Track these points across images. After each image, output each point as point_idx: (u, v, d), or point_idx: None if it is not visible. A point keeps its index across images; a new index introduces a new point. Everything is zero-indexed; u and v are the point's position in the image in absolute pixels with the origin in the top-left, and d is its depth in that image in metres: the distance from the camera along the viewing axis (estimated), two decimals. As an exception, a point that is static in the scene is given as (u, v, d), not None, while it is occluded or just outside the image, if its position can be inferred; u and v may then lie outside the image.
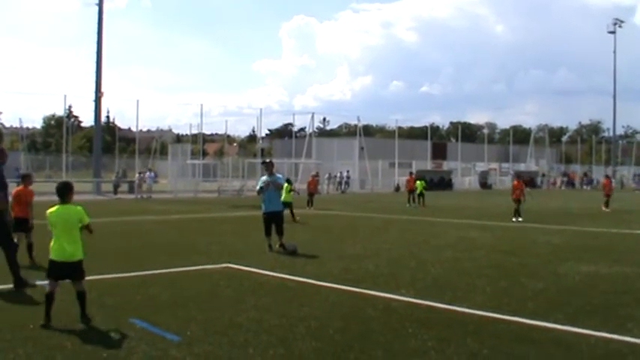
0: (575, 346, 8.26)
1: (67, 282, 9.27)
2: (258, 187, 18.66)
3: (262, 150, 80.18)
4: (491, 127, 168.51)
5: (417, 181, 42.31)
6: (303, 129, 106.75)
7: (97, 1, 57.35)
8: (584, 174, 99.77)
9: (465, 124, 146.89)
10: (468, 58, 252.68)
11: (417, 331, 8.83)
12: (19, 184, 15.79)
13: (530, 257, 16.79)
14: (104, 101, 78.80)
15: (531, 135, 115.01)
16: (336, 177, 71.84)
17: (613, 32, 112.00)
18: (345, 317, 9.69)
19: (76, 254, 9.18)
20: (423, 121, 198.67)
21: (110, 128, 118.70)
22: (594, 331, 8.90)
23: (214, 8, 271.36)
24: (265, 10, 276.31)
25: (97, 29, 57.63)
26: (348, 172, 73.20)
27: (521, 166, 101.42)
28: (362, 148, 76.70)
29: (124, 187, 58.32)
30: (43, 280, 9.82)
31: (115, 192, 55.76)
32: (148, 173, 57.10)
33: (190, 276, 13.60)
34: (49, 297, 9.06)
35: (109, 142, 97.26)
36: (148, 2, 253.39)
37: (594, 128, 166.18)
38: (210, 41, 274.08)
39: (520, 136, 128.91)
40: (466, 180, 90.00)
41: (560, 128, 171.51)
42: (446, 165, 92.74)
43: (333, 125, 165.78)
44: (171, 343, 8.20)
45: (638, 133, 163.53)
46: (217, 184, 63.23)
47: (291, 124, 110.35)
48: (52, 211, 9.30)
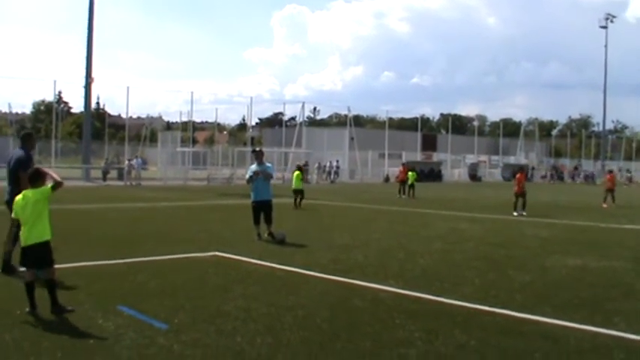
0: (563, 339, 8.27)
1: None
2: (248, 176, 18.57)
3: (252, 139, 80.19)
4: (482, 119, 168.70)
5: (409, 173, 42.30)
6: (293, 118, 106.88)
7: (89, -14, 57.07)
8: (575, 167, 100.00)
9: (456, 116, 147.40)
10: (460, 49, 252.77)
11: (404, 322, 8.83)
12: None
13: (519, 250, 16.83)
14: (94, 87, 78.50)
15: (521, 128, 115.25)
16: (325, 167, 71.85)
17: (605, 27, 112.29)
18: (332, 307, 9.68)
19: (44, 234, 8.98)
20: (413, 112, 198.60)
21: (100, 114, 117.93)
22: (581, 325, 8.92)
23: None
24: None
25: (88, 15, 57.49)
26: (337, 162, 73.24)
27: (511, 159, 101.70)
28: (352, 139, 76.67)
29: (113, 173, 58.13)
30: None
31: (104, 179, 55.58)
32: (136, 160, 56.94)
33: (178, 264, 13.57)
34: (29, 285, 8.89)
35: (98, 129, 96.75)
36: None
37: (584, 122, 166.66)
38: (201, 29, 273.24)
39: (510, 129, 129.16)
40: (456, 172, 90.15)
41: (551, 122, 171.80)
42: (436, 156, 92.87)
43: (323, 115, 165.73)
44: (159, 330, 8.18)
45: (627, 128, 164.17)
46: (207, 172, 63.13)
47: (281, 114, 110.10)
48: (19, 197, 9.10)
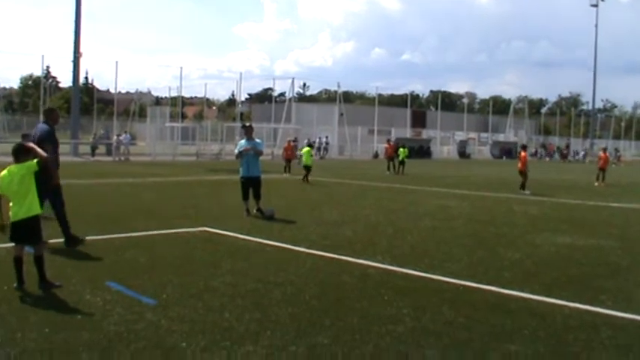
0: (550, 317, 8.29)
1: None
2: (237, 151, 18.47)
3: (241, 114, 79.87)
4: (471, 96, 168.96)
5: (400, 149, 42.29)
6: (283, 94, 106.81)
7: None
8: (567, 146, 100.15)
9: (445, 93, 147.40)
10: (451, 27, 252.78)
11: (392, 299, 8.84)
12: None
13: (507, 227, 16.86)
14: (83, 62, 78.20)
15: (511, 106, 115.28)
16: (314, 143, 71.77)
17: (595, 5, 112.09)
18: (321, 283, 9.69)
19: (33, 209, 8.90)
20: (403, 89, 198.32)
21: (88, 89, 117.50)
22: (569, 302, 8.95)
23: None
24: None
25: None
26: (327, 137, 73.14)
27: (500, 137, 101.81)
28: (341, 115, 76.52)
29: (102, 149, 57.91)
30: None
31: (93, 154, 55.36)
32: (124, 135, 56.73)
33: (167, 239, 13.54)
34: (18, 261, 8.83)
35: (87, 104, 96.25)
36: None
37: (574, 101, 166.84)
38: (191, 3, 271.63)
39: (500, 106, 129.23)
40: (445, 149, 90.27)
41: (540, 100, 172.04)
42: (425, 133, 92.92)
43: (313, 91, 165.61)
44: (147, 306, 8.16)
45: (616, 107, 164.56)
46: (196, 148, 62.98)
47: (271, 89, 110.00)
48: (5, 173, 8.91)
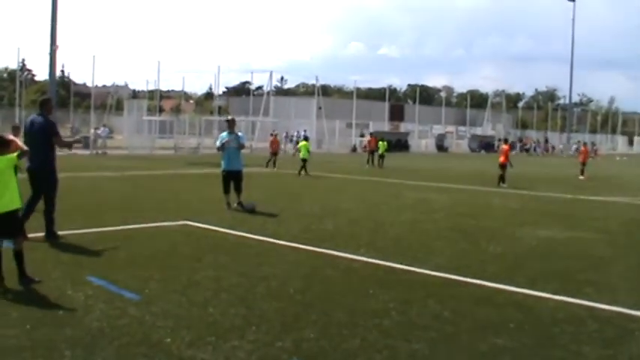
0: (536, 310, 8.29)
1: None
2: (219, 144, 18.31)
3: (219, 107, 79.58)
4: (449, 90, 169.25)
5: (380, 142, 42.27)
6: (260, 87, 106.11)
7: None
8: (546, 140, 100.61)
9: (423, 86, 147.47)
10: (428, 21, 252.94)
11: (378, 292, 8.78)
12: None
13: (488, 220, 16.88)
14: (59, 55, 77.49)
15: (488, 100, 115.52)
16: (293, 136, 71.61)
17: (572, 0, 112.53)
18: (305, 277, 9.62)
19: (13, 203, 8.74)
20: (381, 82, 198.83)
21: (65, 83, 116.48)
22: (554, 295, 8.95)
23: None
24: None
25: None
26: (305, 131, 72.91)
27: (478, 130, 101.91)
28: (320, 108, 76.30)
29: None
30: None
31: (70, 147, 54.76)
32: (102, 129, 56.35)
33: (148, 233, 13.40)
34: None
35: (63, 97, 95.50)
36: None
37: (550, 95, 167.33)
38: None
39: (477, 100, 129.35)
40: (423, 142, 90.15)
41: (517, 94, 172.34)
42: (403, 127, 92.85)
43: (291, 84, 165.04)
44: (130, 301, 8.05)
45: (592, 101, 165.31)
46: (173, 142, 62.68)
47: (248, 82, 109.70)
48: None
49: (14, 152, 8.95)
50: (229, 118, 19.76)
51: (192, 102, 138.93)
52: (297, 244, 12.23)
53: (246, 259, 10.80)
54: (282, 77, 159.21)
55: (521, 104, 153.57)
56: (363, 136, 76.08)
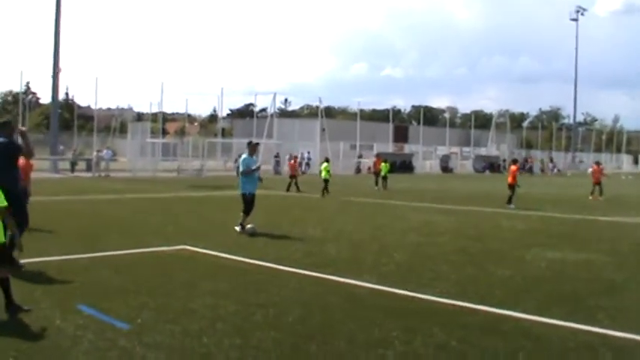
0: (545, 338, 7.92)
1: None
2: (254, 167, 18.11)
3: (223, 130, 79.45)
4: (453, 111, 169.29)
5: (382, 164, 41.92)
6: (264, 109, 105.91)
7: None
8: (550, 159, 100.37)
9: (427, 107, 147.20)
10: (432, 42, 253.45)
11: (381, 321, 8.41)
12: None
13: (496, 243, 16.50)
14: (64, 78, 77.50)
15: (493, 120, 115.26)
16: (297, 158, 71.37)
17: (575, 20, 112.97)
18: (305, 305, 9.24)
19: None
20: (385, 104, 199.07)
21: (69, 105, 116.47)
22: (564, 322, 8.58)
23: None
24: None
25: (56, 3, 56.48)
26: (309, 153, 72.69)
27: (482, 151, 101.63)
28: (323, 130, 76.00)
29: (82, 165, 57.25)
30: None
31: (72, 170, 54.71)
32: (106, 151, 56.19)
33: (144, 259, 13.07)
34: None
35: (67, 120, 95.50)
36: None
37: (554, 115, 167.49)
38: (173, 17, 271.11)
39: (481, 120, 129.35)
40: (427, 163, 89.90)
41: (521, 114, 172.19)
42: (407, 148, 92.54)
43: (295, 106, 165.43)
44: (121, 331, 7.70)
45: (596, 120, 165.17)
46: (177, 164, 62.43)
47: (252, 104, 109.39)
48: None
49: None
50: (253, 142, 19.20)
51: (196, 124, 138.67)
52: (298, 270, 11.86)
53: (245, 286, 10.43)
54: (286, 99, 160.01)
55: (525, 124, 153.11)
56: (361, 157, 75.81)
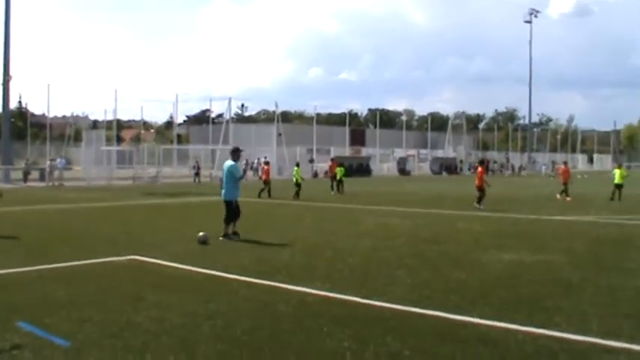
0: (503, 344, 7.68)
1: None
2: (242, 173, 18.16)
3: (179, 136, 78.81)
4: (410, 113, 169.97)
5: (337, 168, 41.66)
6: (220, 115, 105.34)
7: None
8: (507, 160, 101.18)
9: (384, 110, 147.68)
10: (387, 45, 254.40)
11: (332, 330, 8.12)
12: None
13: (452, 245, 16.29)
14: (16, 86, 76.50)
15: (449, 122, 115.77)
16: (253, 163, 70.95)
17: (529, 22, 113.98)
18: (254, 315, 8.92)
19: None
20: (341, 107, 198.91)
21: (22, 114, 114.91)
22: (522, 326, 8.36)
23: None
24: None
25: (5, 10, 55.67)
26: (265, 158, 72.31)
27: (439, 153, 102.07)
28: (280, 135, 75.82)
29: (35, 174, 56.31)
30: None
31: (25, 180, 53.79)
32: (59, 160, 55.33)
33: (92, 270, 12.64)
34: None
35: (21, 128, 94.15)
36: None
37: (510, 116, 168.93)
38: (127, 25, 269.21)
39: (438, 122, 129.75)
40: (384, 166, 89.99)
41: (477, 115, 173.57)
42: (364, 151, 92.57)
43: (251, 112, 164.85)
44: (59, 349, 7.32)
45: (551, 120, 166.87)
46: (132, 172, 61.70)
47: (208, 110, 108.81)
48: None
49: None
50: (238, 148, 18.76)
51: (152, 131, 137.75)
52: (248, 278, 11.52)
53: (193, 297, 10.08)
54: (243, 104, 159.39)
55: (481, 125, 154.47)
56: (312, 161, 75.55)
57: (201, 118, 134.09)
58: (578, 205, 31.04)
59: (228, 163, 17.85)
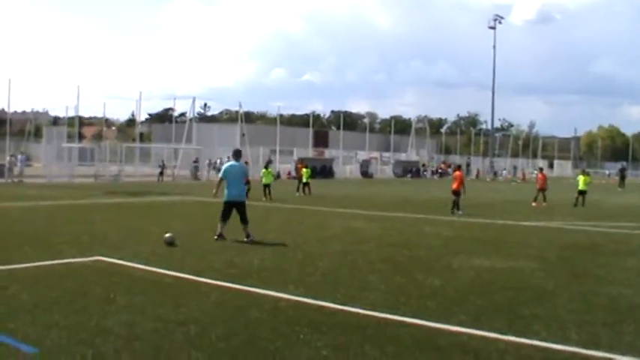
0: (484, 353, 7.53)
1: None
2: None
3: (141, 134, 78.11)
4: (372, 116, 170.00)
5: (303, 169, 41.51)
6: (183, 114, 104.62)
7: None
8: (467, 164, 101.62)
9: (347, 112, 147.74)
10: (350, 47, 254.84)
11: (309, 337, 7.91)
12: None
13: (422, 250, 16.16)
14: (-27, 81, 75.34)
15: (412, 125, 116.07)
16: (216, 163, 70.55)
17: (493, 28, 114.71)
18: (228, 320, 8.67)
19: None
20: (304, 109, 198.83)
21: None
22: (501, 335, 8.23)
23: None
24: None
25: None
26: (228, 158, 71.84)
27: (402, 156, 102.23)
28: (243, 135, 75.33)
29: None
30: None
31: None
32: (20, 156, 54.51)
33: (56, 272, 12.25)
34: None
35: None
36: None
37: (472, 120, 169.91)
38: (90, 20, 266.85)
39: (401, 126, 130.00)
40: (347, 168, 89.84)
41: (440, 119, 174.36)
42: (327, 153, 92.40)
43: (214, 111, 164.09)
44: (26, 355, 7.02)
45: (513, 126, 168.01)
46: (94, 169, 61.01)
47: (171, 109, 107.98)
48: None
49: None
50: (239, 149, 18.54)
51: (114, 129, 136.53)
52: (219, 282, 11.26)
53: (164, 300, 9.78)
54: (206, 104, 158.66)
55: (444, 129, 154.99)
56: (270, 162, 75.42)
57: (164, 117, 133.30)
58: (542, 210, 31.15)
59: (236, 164, 17.73)
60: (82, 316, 8.71)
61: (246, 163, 40.89)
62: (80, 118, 76.50)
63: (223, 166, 18.26)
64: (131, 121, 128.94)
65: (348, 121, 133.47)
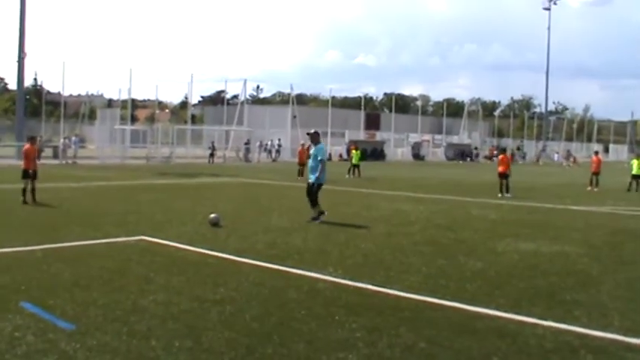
0: (521, 338, 7.39)
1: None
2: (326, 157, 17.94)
3: (193, 116, 78.56)
4: (425, 99, 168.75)
5: (353, 152, 41.42)
6: (236, 96, 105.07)
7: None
8: (517, 148, 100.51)
9: (399, 95, 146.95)
10: (404, 30, 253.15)
11: (344, 319, 7.84)
12: (27, 143, 21.66)
13: (467, 233, 15.98)
14: (33, 63, 76.37)
15: (464, 108, 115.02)
16: (267, 145, 70.73)
17: (548, 9, 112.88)
18: (264, 301, 8.65)
19: None
20: (357, 91, 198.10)
21: (37, 91, 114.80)
22: (540, 320, 8.06)
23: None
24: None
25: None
26: (279, 140, 72.04)
27: (454, 139, 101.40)
28: (294, 117, 75.41)
29: (48, 152, 56.10)
30: None
31: (38, 157, 53.52)
32: (74, 138, 55.20)
33: (99, 250, 12.39)
34: None
35: (36, 106, 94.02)
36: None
37: (526, 103, 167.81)
38: (143, 3, 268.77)
39: (453, 109, 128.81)
40: (399, 151, 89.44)
41: (493, 102, 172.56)
42: (379, 135, 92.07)
43: (267, 93, 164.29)
44: (63, 332, 7.08)
45: (567, 109, 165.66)
46: (146, 151, 61.56)
47: (224, 91, 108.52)
48: None
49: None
50: (314, 131, 18.30)
51: (167, 111, 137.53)
52: (259, 262, 11.27)
53: (202, 280, 9.81)
54: (258, 86, 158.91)
55: (497, 112, 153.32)
56: (303, 145, 75.43)
57: (216, 99, 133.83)
58: (594, 194, 30.67)
59: (319, 146, 17.68)
60: (120, 294, 8.77)
61: (303, 145, 41.09)
62: (133, 101, 77.40)
63: (323, 149, 18.00)
64: (183, 104, 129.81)
65: (401, 104, 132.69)
